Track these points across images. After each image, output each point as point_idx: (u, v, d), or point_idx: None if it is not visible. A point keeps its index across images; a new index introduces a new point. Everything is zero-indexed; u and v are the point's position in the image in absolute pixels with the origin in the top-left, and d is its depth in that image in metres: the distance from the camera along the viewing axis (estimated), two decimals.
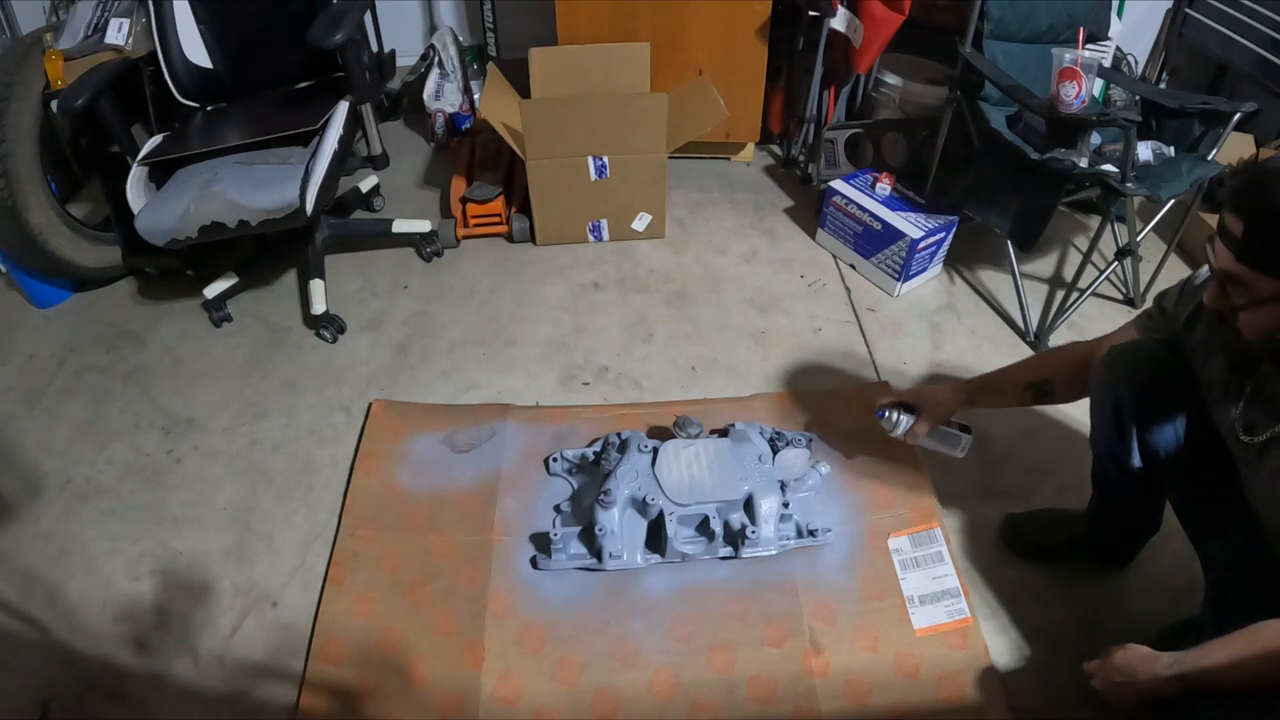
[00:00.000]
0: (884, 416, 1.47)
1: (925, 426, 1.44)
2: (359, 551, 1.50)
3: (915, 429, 1.45)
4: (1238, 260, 0.90)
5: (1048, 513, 1.54)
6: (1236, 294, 0.93)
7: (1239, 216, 0.89)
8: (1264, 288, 0.90)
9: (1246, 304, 0.93)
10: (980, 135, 1.99)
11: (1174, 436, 1.16)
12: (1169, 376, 1.16)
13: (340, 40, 1.74)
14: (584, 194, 2.17)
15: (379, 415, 1.76)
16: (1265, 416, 1.03)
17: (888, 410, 1.47)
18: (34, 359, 1.94)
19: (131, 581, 1.48)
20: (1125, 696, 1.09)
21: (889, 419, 1.47)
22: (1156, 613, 1.40)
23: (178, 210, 1.73)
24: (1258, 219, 0.87)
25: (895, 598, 1.44)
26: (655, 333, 2.01)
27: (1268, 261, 0.88)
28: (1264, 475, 1.04)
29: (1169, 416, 1.16)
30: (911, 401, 1.47)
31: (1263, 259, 0.88)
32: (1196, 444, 1.15)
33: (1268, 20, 1.95)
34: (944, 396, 1.46)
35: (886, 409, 1.47)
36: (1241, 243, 0.89)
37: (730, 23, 2.26)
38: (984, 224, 2.03)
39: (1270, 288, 0.89)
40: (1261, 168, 0.92)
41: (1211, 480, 1.15)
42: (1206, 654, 1.00)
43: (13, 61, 1.86)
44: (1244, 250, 0.89)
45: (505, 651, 1.36)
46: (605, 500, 1.43)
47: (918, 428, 1.45)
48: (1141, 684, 1.05)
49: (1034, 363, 1.50)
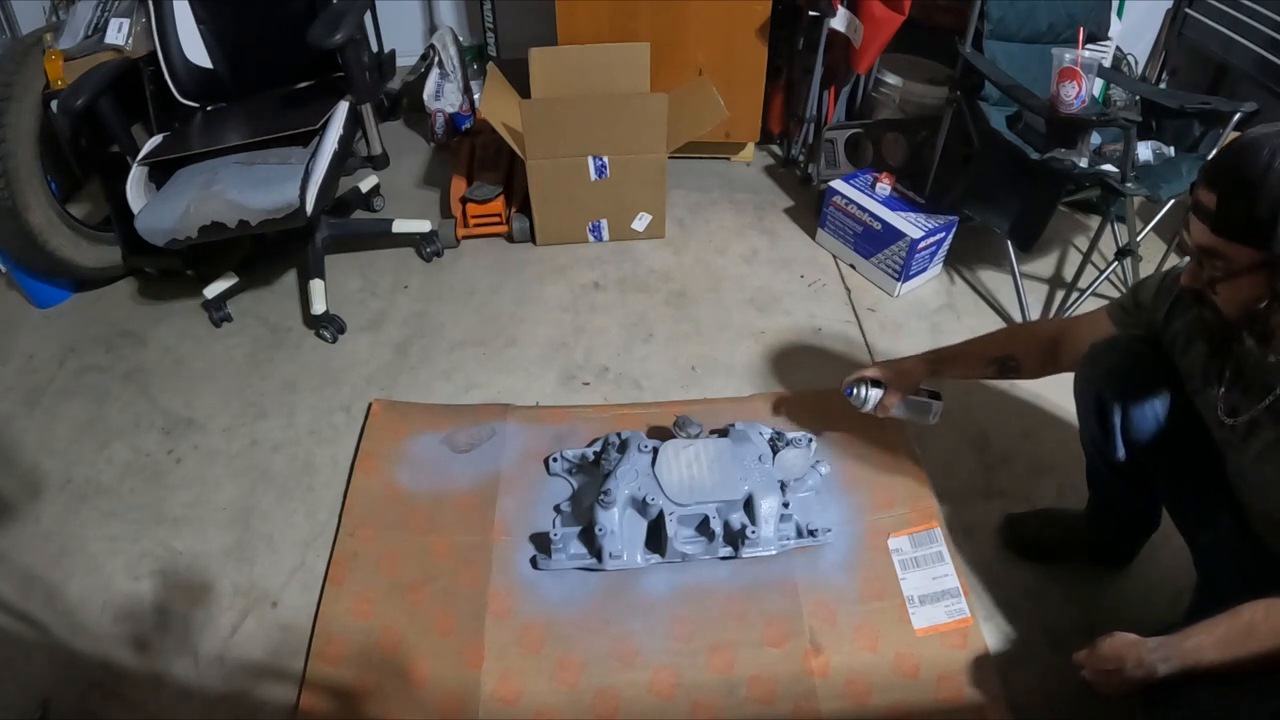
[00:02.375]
0: (852, 394, 1.50)
1: (894, 398, 1.48)
2: (359, 551, 1.50)
3: (884, 402, 1.49)
4: (1212, 232, 0.92)
5: (1048, 513, 1.54)
6: (1213, 268, 0.94)
7: (1211, 189, 0.91)
8: (1239, 258, 0.91)
9: (1223, 276, 0.94)
10: (980, 135, 1.99)
11: (1158, 429, 1.16)
12: (1150, 370, 1.17)
13: (340, 40, 1.74)
14: (584, 194, 2.17)
15: (379, 415, 1.76)
16: (1247, 398, 1.04)
17: (855, 387, 1.50)
18: (34, 359, 1.94)
19: (131, 581, 1.48)
20: (1115, 684, 1.09)
21: (857, 395, 1.49)
22: (1156, 613, 1.40)
23: (178, 210, 1.73)
24: (1229, 189, 0.89)
25: (895, 598, 1.43)
26: (655, 333, 2.01)
27: (1241, 230, 0.89)
28: (1249, 457, 1.04)
29: (1152, 410, 1.16)
30: (877, 376, 1.50)
31: (1236, 228, 0.89)
32: (1181, 435, 1.15)
33: (1268, 20, 1.95)
34: (909, 366, 1.50)
35: (853, 385, 1.50)
36: (1215, 214, 0.90)
37: (730, 23, 2.26)
38: (984, 224, 2.03)
39: (1245, 257, 0.90)
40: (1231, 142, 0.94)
41: (1198, 470, 1.16)
42: (1190, 635, 1.01)
43: (13, 61, 1.86)
44: (1218, 221, 0.90)
45: (505, 651, 1.35)
46: (605, 500, 1.43)
47: (886, 400, 1.49)
48: (1130, 670, 1.05)
49: (1001, 337, 1.51)
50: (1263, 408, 1.01)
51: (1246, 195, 0.87)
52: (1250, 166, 0.87)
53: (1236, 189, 0.88)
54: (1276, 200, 0.85)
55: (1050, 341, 1.37)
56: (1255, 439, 1.03)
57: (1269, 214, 0.86)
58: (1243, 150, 0.89)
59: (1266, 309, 0.92)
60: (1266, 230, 0.86)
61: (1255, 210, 0.86)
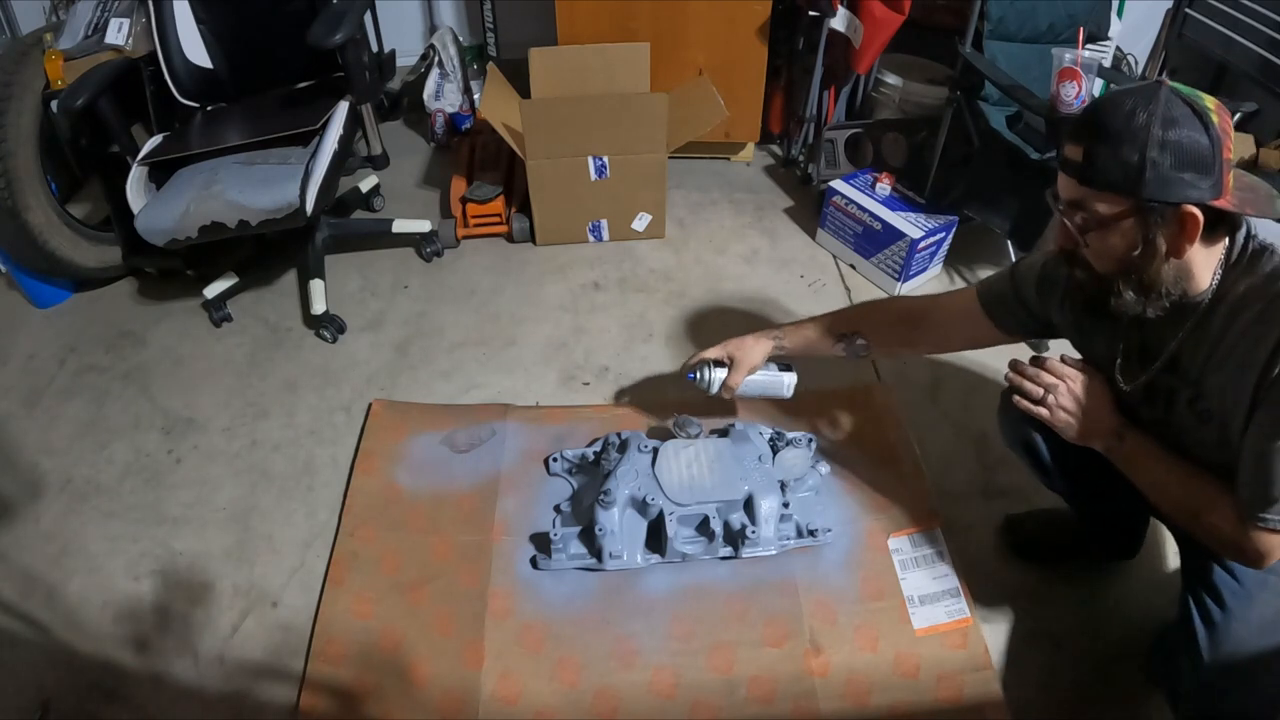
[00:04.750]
0: (694, 378, 1.47)
1: (738, 377, 1.48)
2: (359, 551, 1.50)
3: (729, 382, 1.48)
4: (1080, 184, 0.93)
5: (1048, 513, 1.54)
6: (1083, 222, 0.95)
7: (1078, 143, 0.91)
8: (1109, 208, 0.92)
9: (1094, 227, 0.94)
10: (980, 135, 1.99)
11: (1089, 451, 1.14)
12: None
13: (340, 40, 1.74)
14: (584, 194, 2.17)
15: (379, 415, 1.76)
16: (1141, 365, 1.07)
17: (696, 371, 1.46)
18: (34, 359, 1.94)
19: (131, 581, 1.48)
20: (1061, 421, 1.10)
21: (701, 379, 1.46)
22: (1156, 613, 1.40)
23: (178, 210, 1.73)
24: (1095, 139, 0.90)
25: (895, 598, 1.43)
26: (655, 333, 2.01)
27: (1109, 178, 0.90)
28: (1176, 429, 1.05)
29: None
30: (719, 356, 1.48)
31: (1103, 177, 0.90)
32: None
33: (1268, 20, 1.95)
34: (752, 343, 1.48)
35: (695, 370, 1.47)
36: (1081, 165, 0.91)
37: (730, 23, 2.26)
38: (984, 224, 2.03)
39: (1115, 206, 0.91)
40: (1093, 100, 0.95)
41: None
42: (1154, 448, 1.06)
43: (13, 61, 1.86)
44: (1084, 172, 0.91)
45: (505, 651, 1.36)
46: (605, 500, 1.43)
47: (731, 380, 1.47)
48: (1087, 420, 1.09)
49: (850, 314, 1.51)
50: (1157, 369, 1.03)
51: (1112, 144, 0.88)
52: (1114, 116, 0.88)
53: (1102, 138, 0.89)
54: (1143, 144, 0.86)
55: (905, 319, 1.39)
56: (1175, 407, 1.04)
57: (1136, 159, 0.86)
58: (1106, 104, 0.90)
59: (1141, 257, 0.93)
60: (1135, 175, 0.87)
61: (1121, 156, 0.87)
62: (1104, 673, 1.36)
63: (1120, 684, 1.34)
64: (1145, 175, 0.87)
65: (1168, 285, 0.95)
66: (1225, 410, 0.97)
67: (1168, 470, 1.05)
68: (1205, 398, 0.99)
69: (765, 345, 1.48)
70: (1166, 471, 1.05)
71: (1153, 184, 0.87)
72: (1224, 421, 0.97)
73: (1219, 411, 0.98)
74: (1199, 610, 1.08)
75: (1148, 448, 1.07)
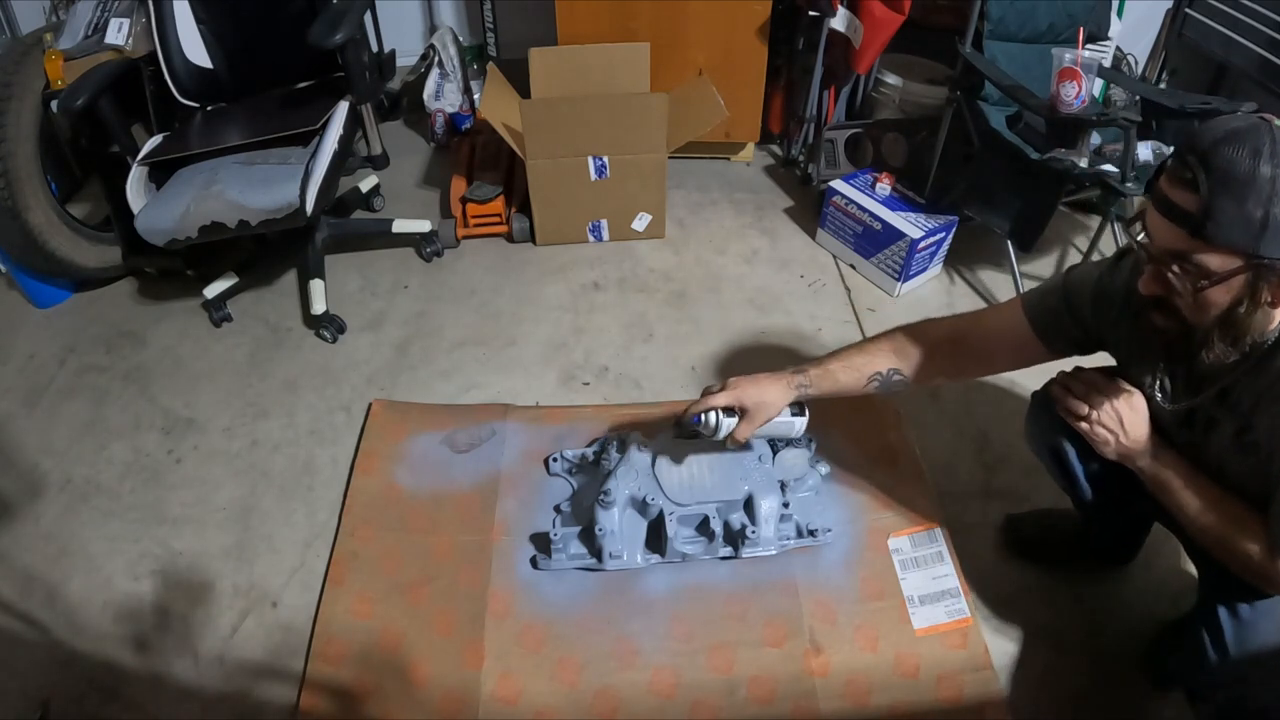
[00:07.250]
0: (699, 421, 1.31)
1: (749, 430, 1.29)
2: (359, 551, 1.50)
3: (738, 435, 1.30)
4: (1191, 236, 0.83)
5: (1048, 513, 1.54)
6: (1181, 272, 0.86)
7: (1192, 191, 0.81)
8: (1220, 264, 0.83)
9: (1203, 284, 0.85)
10: (980, 135, 1.99)
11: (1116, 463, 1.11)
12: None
13: (340, 40, 1.74)
14: (584, 194, 2.17)
15: (379, 415, 1.76)
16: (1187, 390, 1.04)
17: (703, 415, 1.30)
18: (34, 359, 1.94)
19: (131, 581, 1.48)
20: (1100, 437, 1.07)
21: (706, 423, 1.31)
22: (1156, 613, 1.41)
23: (178, 210, 1.73)
24: (1216, 193, 0.80)
25: (895, 598, 1.43)
26: (655, 333, 2.01)
27: (1228, 236, 0.81)
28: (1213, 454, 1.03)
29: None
30: (730, 404, 1.30)
31: (1224, 234, 0.81)
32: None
33: (1268, 20, 1.95)
34: (770, 396, 1.28)
35: (701, 414, 1.30)
36: (1197, 219, 0.81)
37: (730, 23, 2.26)
38: (984, 224, 2.03)
39: (1227, 262, 0.83)
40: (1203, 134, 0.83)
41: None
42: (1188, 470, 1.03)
43: (13, 61, 1.86)
44: (1200, 227, 0.81)
45: (505, 651, 1.35)
46: (605, 500, 1.43)
47: (740, 433, 1.30)
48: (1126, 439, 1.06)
49: (884, 347, 1.29)
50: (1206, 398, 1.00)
51: (1237, 198, 0.79)
52: (1237, 165, 0.79)
53: (1226, 191, 0.79)
54: (1268, 199, 0.78)
55: (946, 343, 1.25)
56: (1215, 433, 1.01)
57: (1260, 214, 0.78)
58: (1223, 149, 0.80)
59: (1244, 311, 0.86)
60: (1257, 232, 0.79)
61: (1246, 212, 0.79)
62: (1104, 672, 1.36)
63: (1120, 683, 1.34)
64: (1268, 232, 0.79)
65: (1254, 335, 0.89)
66: (1274, 445, 0.93)
67: (1200, 494, 1.02)
68: (1255, 430, 0.95)
69: (784, 393, 1.28)
70: (1198, 495, 1.02)
71: (1273, 240, 0.79)
72: (1270, 454, 0.94)
73: (1267, 445, 0.94)
74: (1225, 606, 1.05)
75: (1181, 470, 1.04)
